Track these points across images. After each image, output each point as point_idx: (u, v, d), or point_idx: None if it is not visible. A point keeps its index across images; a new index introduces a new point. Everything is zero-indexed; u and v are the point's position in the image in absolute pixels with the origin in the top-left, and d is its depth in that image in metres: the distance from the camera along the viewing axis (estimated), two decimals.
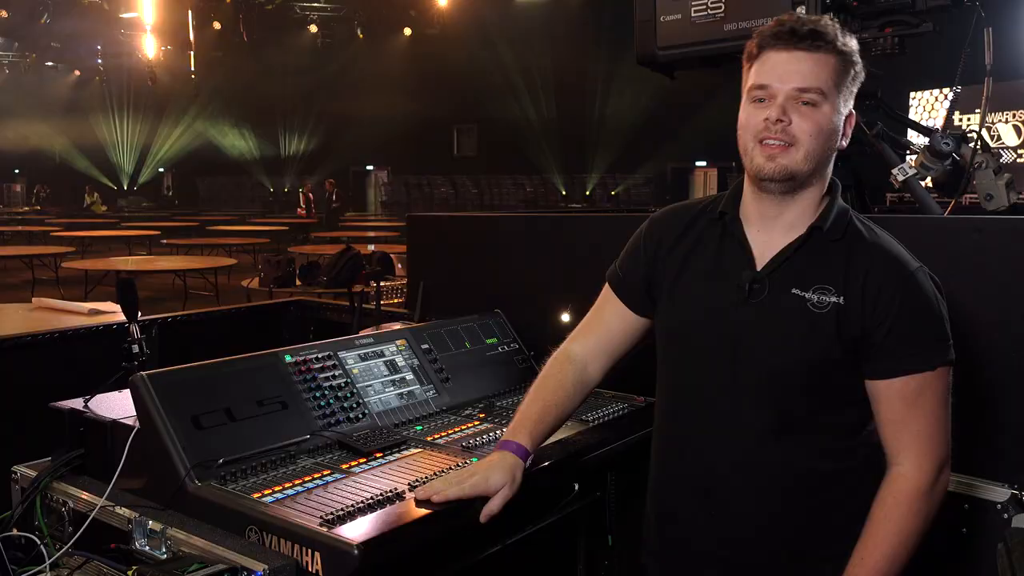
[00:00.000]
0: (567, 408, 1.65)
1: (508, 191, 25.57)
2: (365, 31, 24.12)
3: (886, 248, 1.45)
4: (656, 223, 1.66)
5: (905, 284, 1.41)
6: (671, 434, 1.59)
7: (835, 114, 1.42)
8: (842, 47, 1.42)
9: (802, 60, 1.40)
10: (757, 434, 1.45)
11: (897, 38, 2.29)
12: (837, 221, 1.46)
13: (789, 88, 1.40)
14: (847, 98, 1.45)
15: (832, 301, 1.41)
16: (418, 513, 1.46)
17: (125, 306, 1.94)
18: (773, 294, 1.45)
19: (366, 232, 16.80)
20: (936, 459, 1.42)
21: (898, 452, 1.43)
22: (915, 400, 1.41)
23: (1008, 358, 1.74)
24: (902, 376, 1.40)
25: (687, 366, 1.55)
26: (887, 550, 1.39)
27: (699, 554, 1.54)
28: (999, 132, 12.37)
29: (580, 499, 1.91)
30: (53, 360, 2.34)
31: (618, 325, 1.67)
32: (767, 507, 1.47)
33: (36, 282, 12.07)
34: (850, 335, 1.41)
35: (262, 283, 7.17)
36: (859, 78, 1.46)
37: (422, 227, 3.01)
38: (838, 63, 1.41)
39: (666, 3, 2.53)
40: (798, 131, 1.40)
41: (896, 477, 1.42)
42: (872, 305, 1.40)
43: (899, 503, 1.41)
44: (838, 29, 1.43)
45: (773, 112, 1.40)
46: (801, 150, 1.40)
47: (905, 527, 1.40)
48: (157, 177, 32.27)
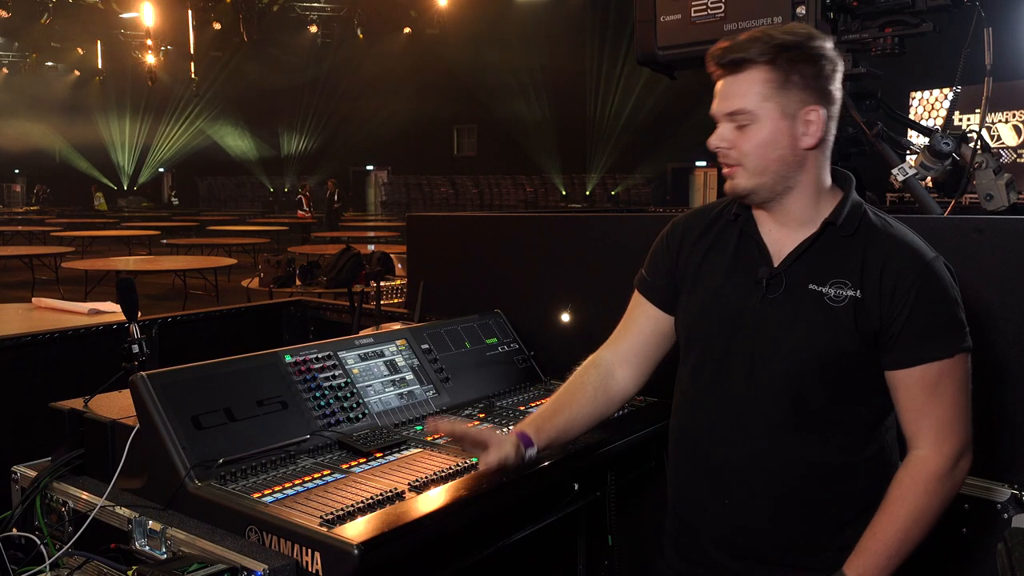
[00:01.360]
0: (586, 411, 1.66)
1: (508, 191, 25.59)
2: (365, 31, 24.12)
3: (901, 239, 1.46)
4: (677, 225, 1.69)
5: (922, 274, 1.42)
6: (689, 424, 1.61)
7: (778, 122, 1.43)
8: (773, 54, 1.41)
9: (729, 85, 1.46)
10: (773, 427, 1.48)
11: (897, 38, 2.29)
12: (851, 215, 1.48)
13: (722, 115, 1.48)
14: (796, 98, 1.43)
15: (849, 295, 1.43)
16: (418, 513, 1.46)
17: (125, 306, 1.93)
18: (790, 289, 1.48)
19: (366, 232, 16.81)
20: (956, 444, 1.43)
21: (919, 438, 1.44)
22: (935, 388, 1.42)
23: (1008, 357, 1.74)
24: (922, 365, 1.42)
25: (705, 360, 1.57)
26: (900, 526, 1.41)
27: (712, 540, 1.56)
28: (999, 132, 12.37)
29: (580, 499, 1.91)
30: (53, 360, 2.34)
31: (649, 327, 1.68)
32: (781, 498, 1.49)
33: (36, 282, 12.07)
34: (868, 328, 1.43)
35: (262, 283, 7.16)
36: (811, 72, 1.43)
37: (422, 227, 3.01)
38: (770, 72, 1.42)
39: (666, 3, 2.53)
40: (739, 153, 1.47)
41: (915, 459, 1.44)
42: (889, 297, 1.42)
43: (916, 483, 1.42)
44: (774, 34, 1.42)
45: (712, 140, 1.49)
46: (747, 169, 1.47)
47: (920, 507, 1.41)
48: (157, 177, 32.29)
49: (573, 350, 1.79)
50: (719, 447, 1.53)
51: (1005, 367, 1.74)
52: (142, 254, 14.55)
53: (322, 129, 27.72)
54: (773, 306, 1.48)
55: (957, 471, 1.44)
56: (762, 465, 1.49)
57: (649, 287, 1.69)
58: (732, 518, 1.53)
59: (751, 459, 1.50)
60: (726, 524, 1.54)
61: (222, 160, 29.92)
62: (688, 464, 1.61)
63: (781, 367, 1.47)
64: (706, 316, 1.57)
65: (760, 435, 1.49)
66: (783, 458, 1.48)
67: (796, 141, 1.45)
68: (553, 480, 1.79)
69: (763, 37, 1.43)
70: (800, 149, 1.45)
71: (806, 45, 1.43)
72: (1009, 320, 1.74)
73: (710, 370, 1.56)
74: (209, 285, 10.88)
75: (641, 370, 1.70)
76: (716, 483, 1.54)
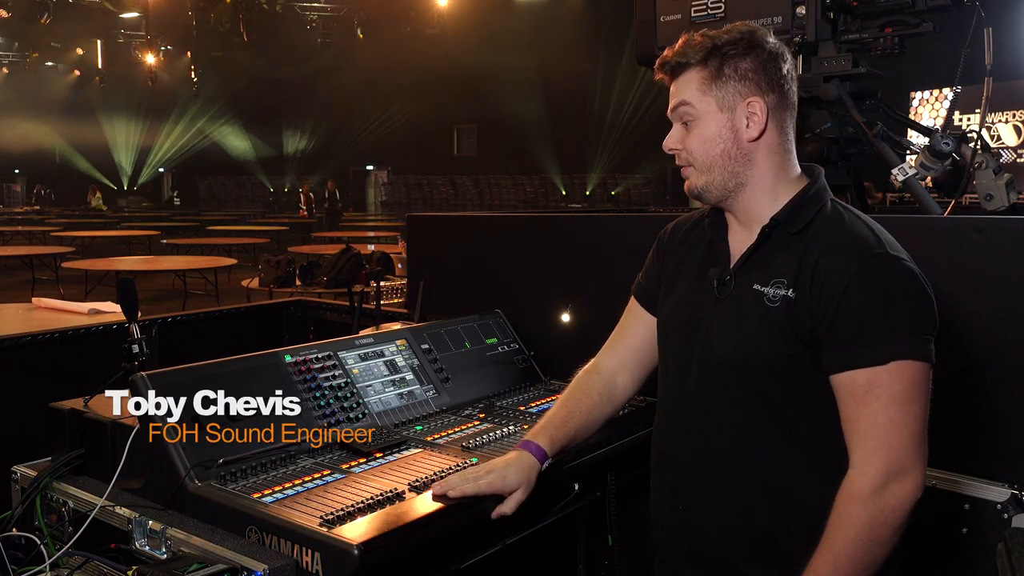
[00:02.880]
0: (593, 417, 1.67)
1: (508, 191, 25.58)
2: (365, 31, 24.11)
3: (846, 232, 1.38)
4: (666, 231, 1.70)
5: (858, 268, 1.32)
6: (657, 428, 1.62)
7: (716, 115, 1.45)
8: (705, 54, 1.44)
9: (673, 87, 1.50)
10: (727, 433, 1.45)
11: (897, 38, 2.29)
12: (801, 212, 1.44)
13: (670, 114, 1.51)
14: (732, 90, 1.43)
15: (782, 294, 1.39)
16: (418, 513, 1.46)
17: (125, 306, 1.93)
18: (738, 290, 1.46)
19: (366, 232, 16.80)
20: (885, 464, 1.29)
21: (850, 453, 1.34)
22: (863, 398, 1.31)
23: (1008, 358, 1.74)
24: (848, 371, 1.32)
25: (668, 364, 1.58)
26: (830, 557, 1.31)
27: (675, 547, 1.55)
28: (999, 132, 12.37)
29: (580, 499, 1.91)
30: (53, 360, 2.34)
31: (642, 332, 1.68)
32: (735, 503, 1.45)
33: (36, 282, 12.07)
34: (803, 328, 1.36)
35: (262, 283, 7.16)
36: (746, 64, 1.43)
37: (422, 227, 3.01)
38: (702, 70, 1.45)
39: (666, 3, 2.53)
40: (688, 151, 1.49)
41: (844, 479, 1.34)
42: (819, 292, 1.34)
43: (839, 507, 1.32)
44: (709, 35, 1.45)
45: (665, 143, 1.52)
46: (696, 168, 1.48)
47: (845, 534, 1.30)
48: (157, 177, 32.26)
49: (573, 350, 1.79)
50: (677, 452, 1.53)
51: (1005, 367, 1.74)
52: (142, 254, 14.54)
53: (322, 129, 27.70)
54: (722, 308, 1.47)
55: (886, 495, 1.28)
56: (714, 471, 1.46)
57: (641, 292, 1.71)
58: (686, 525, 1.51)
59: (704, 465, 1.47)
60: (683, 531, 1.52)
61: (222, 160, 29.90)
62: (655, 470, 1.60)
63: (728, 370, 1.44)
64: (670, 320, 1.58)
65: (714, 441, 1.46)
66: (738, 465, 1.44)
67: (738, 134, 1.44)
68: (553, 480, 1.79)
69: (702, 40, 1.46)
70: (744, 142, 1.45)
71: (739, 40, 1.44)
72: (1009, 320, 1.73)
73: (671, 374, 1.56)
74: (209, 285, 10.88)
75: (639, 375, 1.71)
76: (674, 491, 1.53)
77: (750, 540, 1.45)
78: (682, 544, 1.53)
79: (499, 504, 1.52)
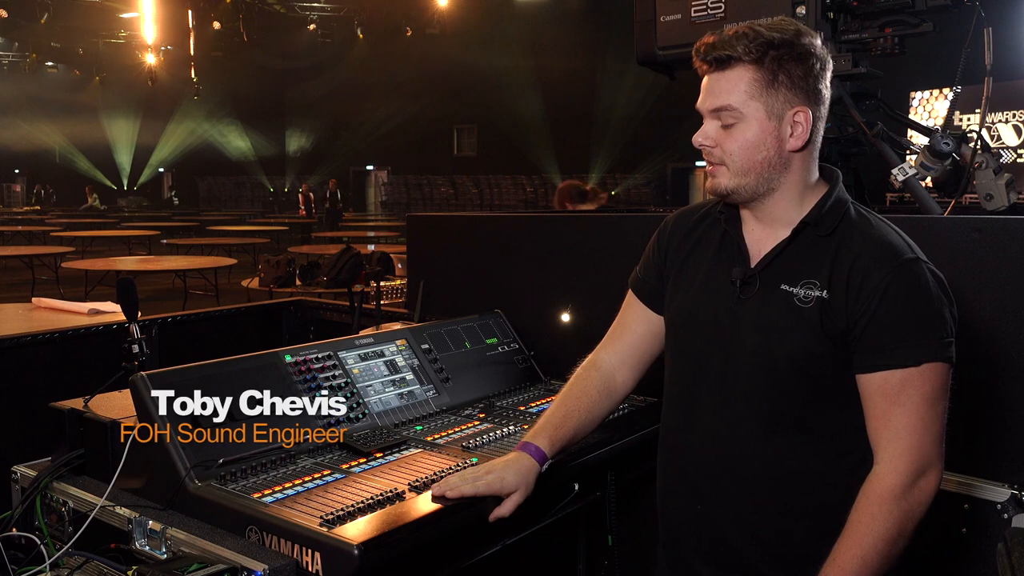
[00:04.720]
0: (592, 414, 1.65)
1: (508, 191, 25.57)
2: (365, 31, 24.12)
3: (877, 238, 1.40)
4: (668, 224, 1.67)
5: (892, 274, 1.35)
6: (668, 428, 1.60)
7: (764, 123, 1.40)
8: (759, 53, 1.38)
9: (715, 81, 1.43)
10: (747, 431, 1.45)
11: (897, 38, 2.29)
12: (830, 215, 1.44)
13: (708, 111, 1.45)
14: (783, 98, 1.40)
15: (816, 295, 1.39)
16: (418, 513, 1.46)
17: (125, 306, 1.94)
18: (763, 290, 1.45)
19: (366, 232, 16.80)
20: (915, 462, 1.34)
21: (878, 451, 1.37)
22: (896, 398, 1.34)
23: (1008, 358, 1.74)
24: (882, 371, 1.35)
25: (683, 361, 1.56)
26: (858, 552, 1.33)
27: (692, 548, 1.54)
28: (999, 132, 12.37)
29: (580, 499, 1.91)
30: (53, 360, 2.34)
31: (641, 327, 1.67)
32: (755, 506, 1.45)
33: (36, 282, 12.06)
34: (835, 329, 1.38)
35: (262, 283, 7.16)
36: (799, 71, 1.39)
37: (422, 227, 3.01)
38: (756, 72, 1.39)
39: (666, 3, 2.53)
40: (723, 152, 1.43)
41: (872, 477, 1.36)
42: (855, 295, 1.36)
43: (871, 504, 1.35)
44: (761, 31, 1.39)
45: (696, 137, 1.46)
46: (730, 169, 1.44)
47: (876, 530, 1.33)
48: (157, 177, 32.28)
49: (573, 350, 1.79)
50: (694, 451, 1.51)
51: (1005, 367, 1.74)
52: (142, 254, 14.54)
53: (322, 129, 27.70)
54: (746, 307, 1.45)
55: (916, 491, 1.34)
56: (735, 470, 1.45)
57: (640, 286, 1.68)
58: (705, 525, 1.50)
59: (724, 464, 1.47)
60: (701, 531, 1.51)
61: (222, 160, 29.91)
62: (667, 470, 1.59)
63: (753, 369, 1.43)
64: (683, 317, 1.56)
65: (733, 439, 1.45)
66: (757, 463, 1.44)
67: (782, 143, 1.41)
68: (553, 480, 1.79)
69: (750, 33, 1.38)
70: (786, 151, 1.42)
71: (794, 43, 1.39)
72: (1009, 320, 1.74)
73: (686, 372, 1.54)
74: (209, 285, 10.87)
75: (638, 370, 1.69)
76: (691, 489, 1.52)
77: (775, 544, 1.45)
78: (701, 543, 1.52)
79: (497, 506, 1.52)
